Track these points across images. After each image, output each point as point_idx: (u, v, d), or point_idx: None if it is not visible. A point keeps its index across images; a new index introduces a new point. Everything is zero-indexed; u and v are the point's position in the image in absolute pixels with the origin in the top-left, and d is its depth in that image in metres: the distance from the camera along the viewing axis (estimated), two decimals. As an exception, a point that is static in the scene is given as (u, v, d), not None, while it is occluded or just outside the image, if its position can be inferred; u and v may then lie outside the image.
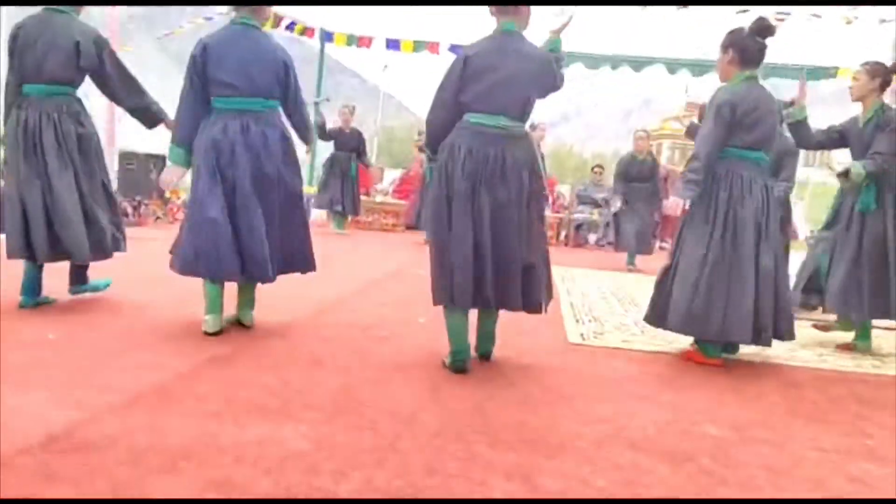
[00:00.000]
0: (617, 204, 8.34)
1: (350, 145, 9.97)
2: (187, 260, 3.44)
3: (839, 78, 10.47)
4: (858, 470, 2.32)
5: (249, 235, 3.40)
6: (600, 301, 5.62)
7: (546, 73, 3.21)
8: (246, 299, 3.71)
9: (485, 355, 3.36)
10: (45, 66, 3.71)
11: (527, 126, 3.28)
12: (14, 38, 3.76)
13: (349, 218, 10.41)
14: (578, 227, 12.19)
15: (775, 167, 5.10)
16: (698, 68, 11.66)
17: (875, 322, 4.29)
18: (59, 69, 3.72)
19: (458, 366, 3.15)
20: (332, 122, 9.97)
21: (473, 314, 3.24)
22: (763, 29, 3.55)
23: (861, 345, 4.25)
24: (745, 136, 3.55)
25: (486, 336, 3.35)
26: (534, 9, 3.24)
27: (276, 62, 3.53)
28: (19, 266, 3.86)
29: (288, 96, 3.61)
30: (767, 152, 3.68)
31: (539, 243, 3.23)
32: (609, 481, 2.07)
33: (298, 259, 3.67)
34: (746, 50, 3.58)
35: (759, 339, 3.54)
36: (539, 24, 3.31)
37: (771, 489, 2.11)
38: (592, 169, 13.82)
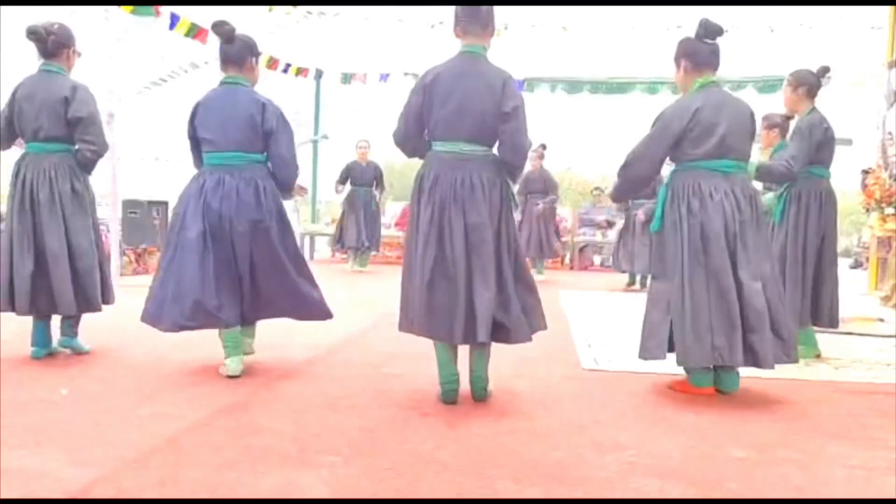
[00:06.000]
0: (641, 217, 8.09)
1: (367, 179, 9.83)
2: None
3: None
4: (888, 486, 2.28)
5: (222, 283, 3.45)
6: (610, 323, 5.59)
7: (501, 95, 3.04)
8: (247, 331, 3.78)
9: (478, 399, 3.18)
10: (41, 125, 3.81)
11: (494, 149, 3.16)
12: (12, 96, 3.88)
13: (370, 254, 10.19)
14: (582, 249, 12.21)
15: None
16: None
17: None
18: (52, 127, 3.81)
19: (448, 396, 3.12)
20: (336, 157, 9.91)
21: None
22: (710, 30, 3.39)
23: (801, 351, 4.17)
24: (696, 148, 3.34)
25: (476, 379, 3.17)
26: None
27: (252, 112, 3.53)
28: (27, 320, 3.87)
29: (268, 143, 3.58)
30: (738, 158, 3.39)
31: (519, 265, 3.17)
32: (636, 513, 2.03)
33: (299, 307, 3.69)
34: (697, 55, 3.43)
35: (754, 360, 3.22)
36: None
37: (802, 512, 2.07)
38: (591, 191, 13.83)
